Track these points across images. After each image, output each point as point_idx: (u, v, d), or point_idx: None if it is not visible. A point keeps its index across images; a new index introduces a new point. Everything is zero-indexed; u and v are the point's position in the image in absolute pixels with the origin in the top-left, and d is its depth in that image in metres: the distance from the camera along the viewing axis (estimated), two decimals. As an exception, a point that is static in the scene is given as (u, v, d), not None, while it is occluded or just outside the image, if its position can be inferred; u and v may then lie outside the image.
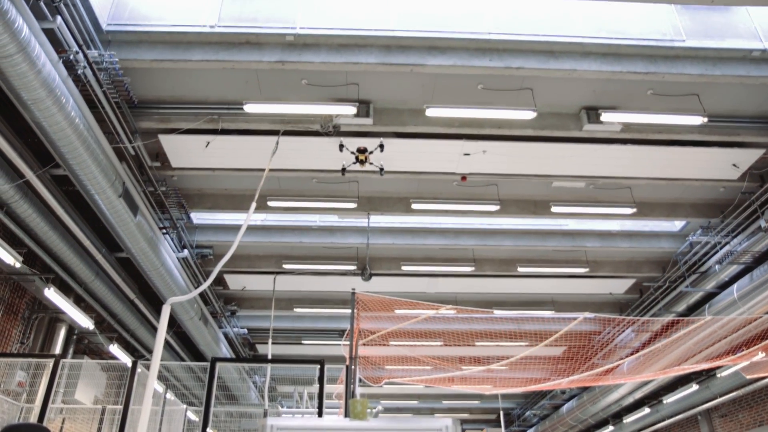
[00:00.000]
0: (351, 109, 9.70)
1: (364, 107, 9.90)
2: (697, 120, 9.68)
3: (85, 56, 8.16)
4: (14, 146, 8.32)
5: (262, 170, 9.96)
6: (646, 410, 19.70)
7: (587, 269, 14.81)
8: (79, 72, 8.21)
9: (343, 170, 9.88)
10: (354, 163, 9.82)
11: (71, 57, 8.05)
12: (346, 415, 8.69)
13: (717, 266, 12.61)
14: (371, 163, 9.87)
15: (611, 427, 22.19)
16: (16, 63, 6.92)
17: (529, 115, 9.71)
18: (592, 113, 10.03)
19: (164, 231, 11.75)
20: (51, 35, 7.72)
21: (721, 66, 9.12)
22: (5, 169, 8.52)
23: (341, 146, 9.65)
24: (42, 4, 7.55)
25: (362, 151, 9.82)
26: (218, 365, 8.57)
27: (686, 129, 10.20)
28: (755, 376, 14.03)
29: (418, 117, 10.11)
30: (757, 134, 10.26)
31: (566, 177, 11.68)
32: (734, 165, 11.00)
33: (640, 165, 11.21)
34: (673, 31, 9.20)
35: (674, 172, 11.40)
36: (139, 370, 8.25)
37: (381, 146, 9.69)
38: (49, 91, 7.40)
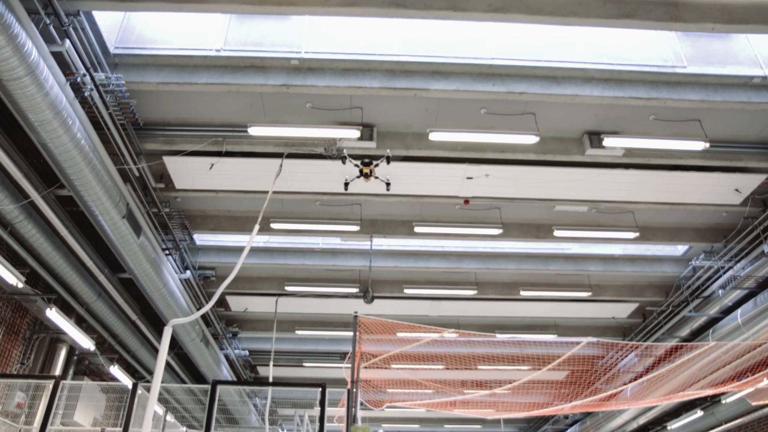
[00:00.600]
0: (355, 133, 9.76)
1: (367, 131, 9.97)
2: (699, 145, 9.73)
3: (92, 79, 8.27)
4: (20, 167, 8.39)
5: (266, 192, 10.00)
6: (651, 436, 19.46)
7: (590, 293, 14.75)
8: (86, 94, 8.33)
9: (346, 185, 9.63)
10: (358, 176, 9.44)
11: (78, 79, 8.16)
12: (347, 437, 8.61)
13: (720, 291, 12.56)
14: (377, 177, 9.52)
15: (615, 454, 21.89)
16: (24, 85, 7.01)
17: (531, 139, 9.76)
18: (595, 138, 10.08)
19: (167, 252, 11.77)
20: (59, 57, 7.84)
21: (722, 92, 9.19)
22: (11, 189, 8.57)
23: (344, 158, 9.30)
24: (51, 28, 7.67)
25: (367, 163, 9.43)
26: (219, 388, 8.52)
27: (688, 154, 10.25)
28: (760, 402, 13.87)
29: (421, 141, 10.17)
30: (759, 159, 10.29)
31: (569, 201, 11.71)
32: (736, 190, 11.02)
33: (643, 189, 11.24)
34: (675, 57, 9.30)
35: (676, 197, 11.42)
36: (139, 392, 8.21)
37: (388, 158, 9.25)
38: (56, 113, 7.49)
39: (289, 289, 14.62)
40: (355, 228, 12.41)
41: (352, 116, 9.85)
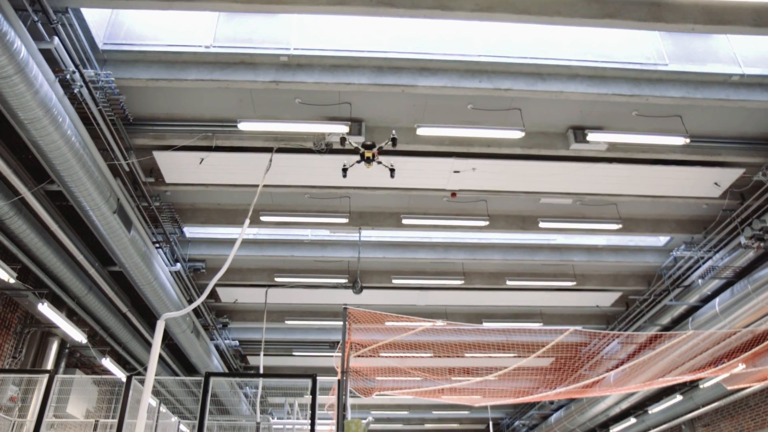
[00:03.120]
0: (343, 128, 9.87)
1: (356, 126, 10.09)
2: (680, 140, 9.99)
3: (82, 75, 8.29)
4: (9, 163, 8.42)
5: (255, 186, 10.11)
6: (632, 420, 19.95)
7: (574, 282, 15.06)
8: (75, 91, 8.35)
9: (345, 170, 9.07)
10: (359, 161, 8.70)
11: (68, 76, 8.18)
12: (339, 429, 8.83)
13: (700, 280, 12.90)
14: (380, 162, 8.74)
15: (598, 437, 22.42)
16: (14, 84, 7.03)
17: (517, 134, 9.95)
18: (579, 133, 10.29)
19: (157, 245, 11.85)
20: (48, 55, 7.85)
21: (703, 89, 9.42)
22: (0, 186, 8.60)
23: (343, 139, 8.63)
24: (39, 25, 7.67)
25: (369, 146, 8.60)
26: (211, 379, 8.66)
27: (669, 149, 10.50)
28: (736, 387, 14.32)
29: (409, 135, 10.30)
30: (737, 154, 10.57)
31: (554, 194, 11.94)
32: (716, 183, 11.30)
33: (625, 183, 11.49)
34: (657, 55, 9.49)
35: (658, 190, 11.68)
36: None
37: (393, 140, 8.46)
38: (46, 111, 7.52)
39: (279, 280, 14.76)
40: (344, 220, 12.56)
41: (341, 111, 9.96)
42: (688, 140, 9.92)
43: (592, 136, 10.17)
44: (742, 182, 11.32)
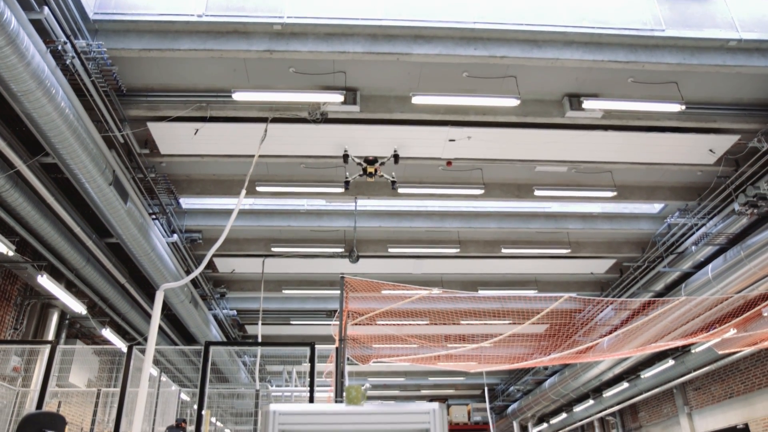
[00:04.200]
0: (338, 97, 9.83)
1: (351, 95, 10.03)
2: (676, 107, 9.98)
3: (73, 46, 8.20)
4: (3, 136, 8.39)
5: (251, 156, 10.10)
6: (625, 384, 20.37)
7: (569, 250, 15.19)
8: (68, 62, 8.26)
9: (347, 183, 9.41)
10: (361, 175, 9.19)
11: (59, 47, 8.08)
12: (338, 394, 9.01)
13: (693, 247, 13.03)
14: (382, 175, 9.24)
15: (591, 401, 22.91)
16: (5, 55, 6.95)
17: (512, 102, 9.92)
18: (575, 100, 10.26)
19: (154, 216, 11.87)
20: (38, 25, 7.74)
21: (699, 55, 9.38)
22: (-5, 159, 8.59)
23: (346, 156, 8.97)
24: (29, -6, 7.57)
25: (371, 161, 9.11)
26: (211, 348, 8.81)
27: (665, 116, 10.50)
28: (727, 351, 14.60)
29: (404, 104, 10.27)
30: (732, 121, 10.57)
31: (549, 162, 11.96)
32: (711, 150, 11.35)
33: (621, 150, 11.52)
34: (653, 20, 9.42)
35: (653, 157, 11.72)
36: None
37: (395, 156, 8.89)
38: (38, 83, 7.45)
39: (276, 250, 14.84)
40: (340, 190, 12.54)
41: (336, 80, 9.90)
42: (683, 107, 9.90)
43: (587, 104, 10.14)
44: (737, 149, 11.35)
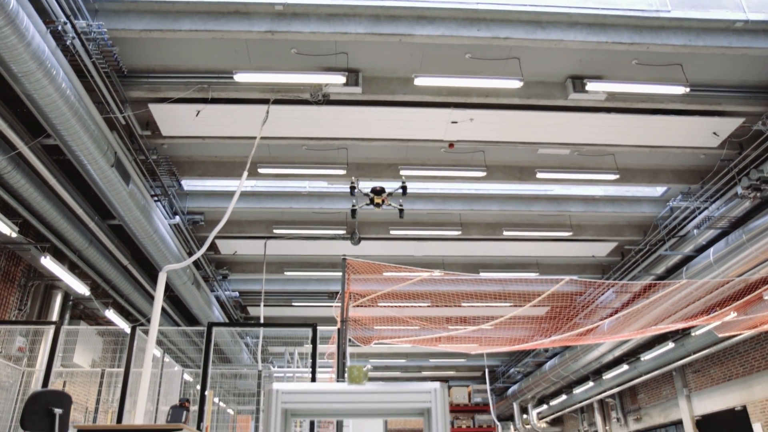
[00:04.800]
0: (340, 78, 9.77)
1: (353, 76, 9.98)
2: (680, 90, 9.90)
3: (74, 27, 8.14)
4: (5, 118, 8.37)
5: (252, 138, 10.08)
6: (625, 367, 20.49)
7: (571, 233, 15.20)
8: (68, 42, 8.21)
9: (354, 212, 9.32)
10: (368, 204, 9.15)
11: (59, 27, 8.03)
12: (339, 376, 9.09)
13: (695, 230, 13.02)
14: (390, 205, 9.18)
15: (591, 383, 23.08)
16: (5, 35, 6.91)
17: (515, 84, 9.85)
18: (578, 82, 10.19)
19: (156, 198, 11.88)
20: (38, 5, 7.69)
21: (705, 37, 9.28)
22: (-3, 140, 8.58)
23: (353, 188, 8.93)
24: (27, -27, 7.49)
25: (378, 192, 9.04)
26: (213, 329, 8.86)
27: (669, 98, 10.43)
28: (726, 334, 14.67)
29: (406, 86, 10.22)
30: (737, 103, 10.50)
31: (552, 144, 11.92)
32: (714, 133, 11.28)
33: (624, 133, 11.46)
34: (659, 1, 9.30)
35: (656, 140, 11.66)
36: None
37: (403, 188, 8.85)
38: (39, 64, 7.42)
39: (278, 231, 14.87)
40: (342, 171, 12.56)
41: (338, 62, 9.83)
42: (688, 89, 9.83)
43: (591, 86, 10.07)
44: (741, 132, 11.29)
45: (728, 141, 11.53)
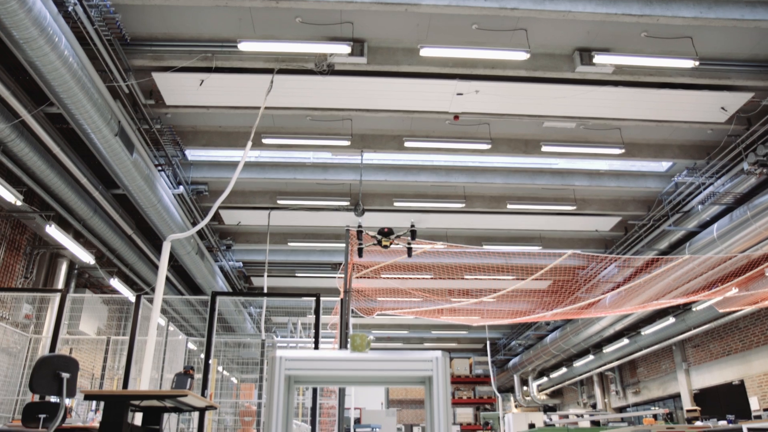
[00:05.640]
0: (345, 48, 9.66)
1: (358, 46, 9.86)
2: (689, 63, 9.77)
3: (76, -8, 8.05)
4: (7, 85, 8.32)
5: (257, 108, 10.01)
6: (625, 341, 20.67)
7: (575, 207, 15.18)
8: (70, 9, 8.13)
9: (360, 251, 9.24)
10: (375, 244, 9.09)
11: (61, -7, 7.94)
12: (342, 345, 9.19)
13: (700, 206, 12.99)
14: (397, 244, 9.12)
15: (591, 356, 23.31)
16: (6, 0, 6.85)
17: (522, 55, 9.72)
18: (585, 55, 10.05)
19: (160, 168, 11.88)
20: (39, -30, 7.58)
21: (716, 9, 9.11)
22: (0, 108, 8.54)
23: (360, 232, 8.91)
24: (28, -63, 7.36)
25: (387, 233, 8.93)
26: (217, 298, 8.94)
27: (677, 72, 10.29)
28: (727, 310, 14.73)
29: (412, 56, 10.10)
30: (747, 78, 10.36)
31: (557, 117, 11.82)
32: (722, 108, 11.16)
33: (630, 107, 11.35)
34: (670, -29, 9.12)
35: (663, 115, 11.56)
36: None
37: (413, 232, 8.80)
38: (41, 30, 7.35)
39: (281, 202, 14.89)
40: (346, 143, 12.50)
41: (343, 31, 9.71)
42: (697, 63, 9.70)
43: (598, 58, 9.94)
44: (750, 107, 11.17)
45: (736, 116, 11.41)
